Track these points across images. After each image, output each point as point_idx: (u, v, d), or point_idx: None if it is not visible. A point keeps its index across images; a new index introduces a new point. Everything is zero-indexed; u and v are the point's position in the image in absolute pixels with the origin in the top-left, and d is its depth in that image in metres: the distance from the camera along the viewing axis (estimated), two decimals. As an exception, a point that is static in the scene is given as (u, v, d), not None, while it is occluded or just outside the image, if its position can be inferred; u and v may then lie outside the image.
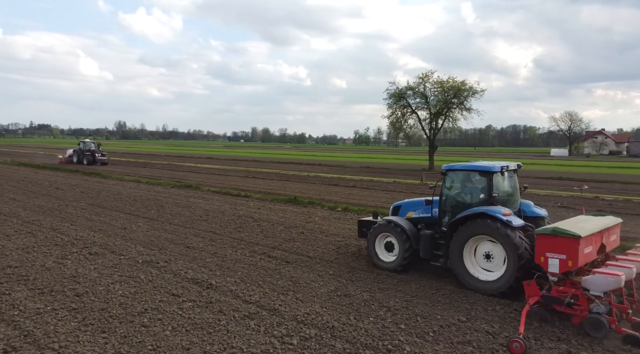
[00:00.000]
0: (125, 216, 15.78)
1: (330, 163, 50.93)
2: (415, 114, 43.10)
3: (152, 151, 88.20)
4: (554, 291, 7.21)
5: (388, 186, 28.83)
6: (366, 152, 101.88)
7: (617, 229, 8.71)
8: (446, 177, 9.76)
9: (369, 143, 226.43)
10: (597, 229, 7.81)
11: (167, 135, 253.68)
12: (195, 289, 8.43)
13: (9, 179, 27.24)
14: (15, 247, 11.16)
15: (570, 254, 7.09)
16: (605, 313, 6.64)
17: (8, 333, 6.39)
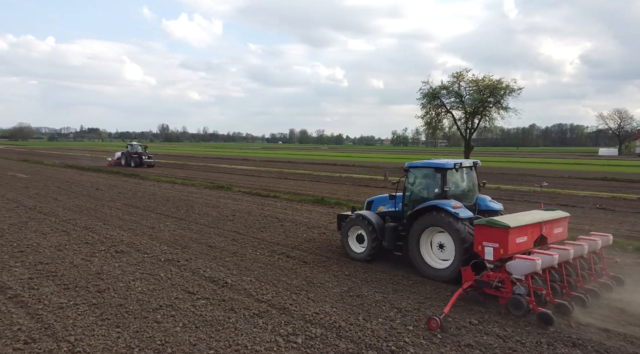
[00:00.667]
0: (155, 216, 16.31)
1: (365, 164, 50.71)
2: (450, 113, 42.20)
3: (191, 153, 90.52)
4: (484, 275, 7.88)
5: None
6: (402, 153, 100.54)
7: (563, 222, 9.36)
8: (409, 174, 10.49)
9: (407, 144, 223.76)
10: (532, 221, 8.47)
11: (207, 137, 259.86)
12: (211, 287, 8.62)
13: (55, 181, 28.66)
14: (49, 244, 11.75)
15: (502, 243, 7.80)
16: (525, 294, 7.27)
17: (30, 326, 6.75)
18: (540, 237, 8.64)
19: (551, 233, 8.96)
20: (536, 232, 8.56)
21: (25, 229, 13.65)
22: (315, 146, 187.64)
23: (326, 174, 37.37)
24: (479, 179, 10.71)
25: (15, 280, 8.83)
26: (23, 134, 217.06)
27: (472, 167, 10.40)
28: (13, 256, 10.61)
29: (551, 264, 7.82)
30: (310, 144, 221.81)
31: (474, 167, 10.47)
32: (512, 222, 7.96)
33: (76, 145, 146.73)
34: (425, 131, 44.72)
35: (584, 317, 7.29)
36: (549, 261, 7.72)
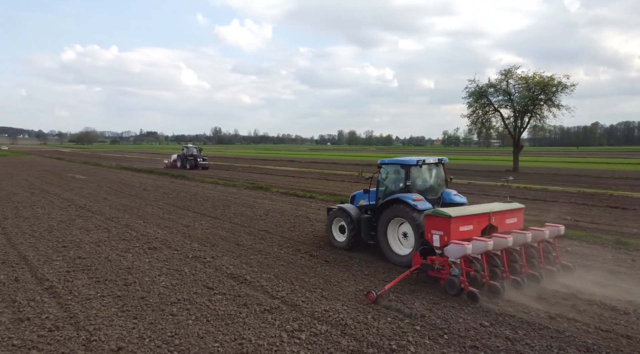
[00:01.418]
0: (192, 215, 16.94)
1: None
2: (498, 112, 40.87)
3: (240, 154, 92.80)
4: (429, 259, 8.74)
5: (460, 187, 27.67)
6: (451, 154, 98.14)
7: (517, 213, 10.06)
8: (381, 170, 11.41)
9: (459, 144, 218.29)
10: (476, 212, 9.31)
11: (258, 139, 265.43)
12: (230, 284, 8.89)
13: (108, 181, 30.35)
14: (90, 240, 12.52)
15: (446, 231, 8.63)
16: (459, 275, 8.15)
17: (58, 314, 7.26)
18: (489, 227, 9.39)
19: (502, 223, 9.66)
20: (484, 222, 9.32)
21: (72, 226, 14.59)
22: (363, 147, 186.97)
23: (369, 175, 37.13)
24: (447, 175, 11.61)
25: (53, 272, 9.49)
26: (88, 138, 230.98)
27: (437, 164, 11.29)
28: (56, 250, 11.40)
29: (486, 250, 8.52)
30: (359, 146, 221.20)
31: (440, 164, 11.35)
32: (455, 213, 8.83)
33: (135, 148, 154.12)
34: (471, 131, 43.39)
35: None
36: (482, 246, 8.43)
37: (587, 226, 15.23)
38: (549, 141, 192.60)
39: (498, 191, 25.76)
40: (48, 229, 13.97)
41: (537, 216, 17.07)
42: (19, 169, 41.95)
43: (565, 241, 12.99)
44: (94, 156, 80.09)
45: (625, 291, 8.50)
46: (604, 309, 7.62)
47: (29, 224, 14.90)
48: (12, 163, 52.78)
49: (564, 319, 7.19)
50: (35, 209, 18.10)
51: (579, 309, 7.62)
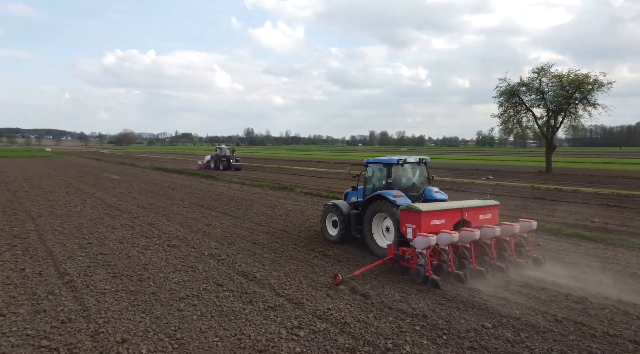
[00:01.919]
0: (215, 214, 17.31)
1: (439, 165, 49.28)
2: (530, 112, 39.75)
3: (271, 155, 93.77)
4: (400, 250, 9.47)
5: (486, 188, 27.13)
6: (484, 154, 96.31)
7: (491, 210, 10.68)
8: (367, 168, 12.36)
9: (494, 144, 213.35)
10: (448, 207, 10.01)
11: (289, 140, 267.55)
12: (239, 281, 9.07)
13: (139, 181, 31.32)
14: (114, 237, 13.01)
15: (417, 224, 9.30)
16: (425, 265, 8.86)
17: (72, 307, 7.62)
18: (462, 221, 9.98)
19: (475, 218, 10.28)
20: (456, 216, 9.96)
21: (100, 223, 15.18)
22: (394, 148, 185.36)
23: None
24: (429, 174, 12.33)
25: (75, 268, 9.93)
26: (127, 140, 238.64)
27: (419, 163, 12.04)
28: (81, 246, 11.90)
29: (451, 242, 9.15)
30: (391, 146, 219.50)
31: (422, 163, 12.09)
32: (426, 208, 9.53)
33: (170, 149, 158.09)
34: (501, 131, 42.38)
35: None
36: (448, 239, 9.07)
37: (616, 229, 14.68)
38: (589, 141, 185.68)
39: (524, 192, 25.13)
40: (77, 227, 14.59)
41: (562, 217, 16.60)
42: (59, 170, 43.81)
43: (589, 243, 12.61)
44: (130, 157, 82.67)
45: None
46: (616, 314, 7.38)
47: (60, 221, 15.59)
48: (54, 164, 55.16)
49: (570, 322, 7.01)
50: (69, 207, 18.91)
51: (588, 313, 7.40)
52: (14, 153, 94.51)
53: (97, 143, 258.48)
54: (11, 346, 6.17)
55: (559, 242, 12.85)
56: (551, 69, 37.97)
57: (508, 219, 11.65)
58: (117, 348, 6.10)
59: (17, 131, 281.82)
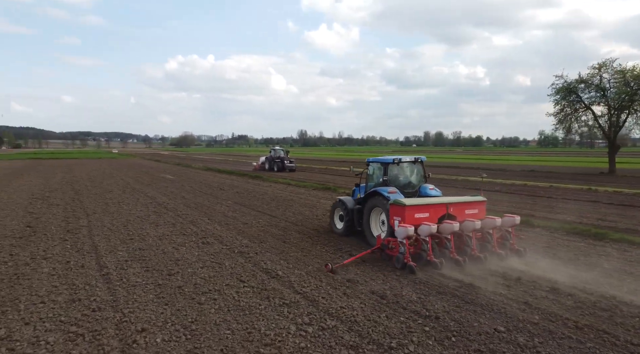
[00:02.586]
0: (254, 213, 17.80)
1: (491, 167, 47.73)
2: (590, 110, 37.57)
3: (322, 156, 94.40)
4: (385, 240, 10.52)
5: (538, 190, 26.01)
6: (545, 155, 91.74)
7: (478, 205, 11.45)
8: (369, 167, 13.43)
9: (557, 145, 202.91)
10: (432, 202, 10.90)
11: (342, 141, 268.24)
12: (261, 278, 9.34)
13: (191, 182, 32.65)
14: (155, 234, 13.73)
15: (402, 217, 10.22)
16: (404, 253, 9.79)
17: (104, 297, 8.18)
18: (447, 215, 10.79)
19: (461, 213, 11.06)
20: (441, 211, 10.78)
21: (145, 221, 16.06)
22: (450, 149, 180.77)
23: (442, 176, 36.17)
24: (426, 172, 13.22)
25: (114, 261, 10.62)
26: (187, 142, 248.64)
27: (415, 162, 12.93)
28: (123, 242, 12.68)
29: (430, 233, 9.95)
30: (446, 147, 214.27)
31: (418, 162, 12.99)
32: (411, 202, 10.54)
33: (226, 150, 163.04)
34: (557, 130, 40.28)
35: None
36: (427, 230, 9.89)
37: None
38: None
39: (580, 195, 23.84)
40: (124, 223, 15.52)
41: (614, 221, 15.67)
42: (121, 170, 46.49)
43: (635, 249, 11.88)
44: (187, 158, 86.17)
45: None
46: None
47: (111, 218, 16.64)
48: (117, 165, 58.60)
49: (592, 330, 6.68)
50: (121, 205, 20.12)
51: (615, 321, 7.02)
52: (84, 155, 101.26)
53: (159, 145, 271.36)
54: (45, 331, 6.74)
55: (602, 247, 12.17)
56: (614, 63, 35.73)
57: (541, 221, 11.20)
58: (136, 336, 6.51)
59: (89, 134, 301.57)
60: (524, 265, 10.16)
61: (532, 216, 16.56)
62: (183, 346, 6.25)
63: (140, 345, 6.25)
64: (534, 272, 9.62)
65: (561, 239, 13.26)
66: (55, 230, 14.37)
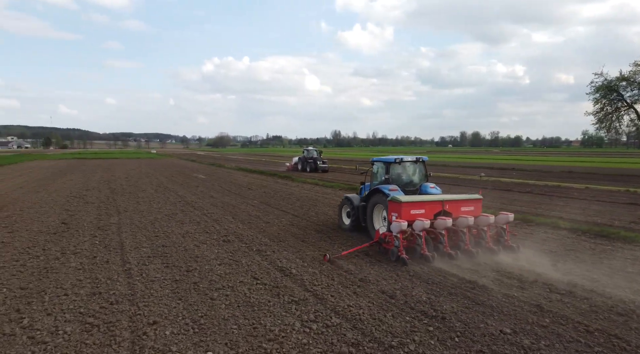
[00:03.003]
0: (278, 213, 18.04)
1: (526, 167, 46.44)
2: (632, 108, 35.97)
3: (354, 157, 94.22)
4: (383, 235, 11.16)
5: (571, 192, 25.15)
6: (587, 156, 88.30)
7: (474, 203, 11.94)
8: (373, 166, 14.04)
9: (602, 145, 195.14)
10: (431, 200, 11.48)
11: (376, 142, 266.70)
12: (275, 275, 9.51)
13: (222, 181, 33.33)
14: (179, 232, 14.16)
15: (399, 213, 10.83)
16: (398, 246, 10.44)
17: (123, 292, 8.54)
18: (443, 212, 11.33)
19: (457, 210, 11.56)
20: (437, 208, 11.34)
21: (172, 219, 16.56)
22: (486, 149, 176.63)
23: (472, 177, 35.48)
24: (427, 171, 13.91)
25: (137, 257, 11.04)
26: (222, 142, 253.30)
27: (416, 162, 13.65)
28: (148, 238, 13.15)
29: (423, 228, 10.49)
30: (482, 147, 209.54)
31: (419, 162, 13.71)
32: (407, 199, 11.06)
33: (260, 151, 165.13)
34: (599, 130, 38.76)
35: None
36: (421, 225, 10.44)
37: None
38: None
39: (617, 196, 22.92)
40: (152, 221, 16.07)
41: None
42: (157, 170, 47.92)
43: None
44: (222, 158, 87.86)
45: None
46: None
47: (140, 216, 17.25)
48: (154, 165, 60.40)
49: (602, 334, 6.49)
50: (152, 203, 20.81)
51: (630, 326, 6.79)
52: (125, 155, 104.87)
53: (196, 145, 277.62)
54: (64, 321, 7.13)
55: (630, 250, 11.72)
56: (658, 60, 34.07)
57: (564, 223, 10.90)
58: (146, 329, 6.80)
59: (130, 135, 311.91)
60: (541, 267, 9.97)
61: (548, 216, 16.08)
62: (190, 339, 6.48)
63: (149, 337, 6.52)
64: (552, 275, 9.39)
65: (587, 242, 12.84)
66: (87, 227, 15.04)
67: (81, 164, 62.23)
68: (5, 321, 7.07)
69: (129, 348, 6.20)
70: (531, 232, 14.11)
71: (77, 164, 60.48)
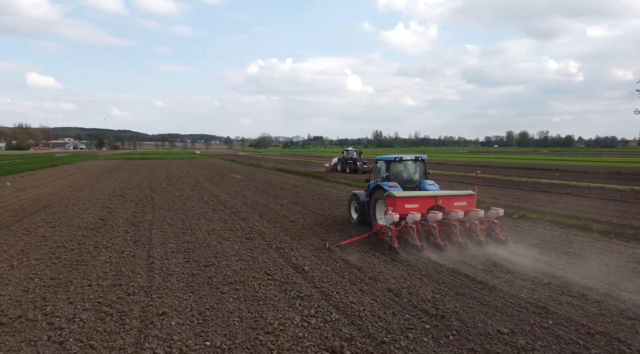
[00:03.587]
0: (304, 212, 18.32)
1: (573, 168, 44.58)
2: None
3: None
4: (379, 226, 12.37)
5: (614, 194, 24.00)
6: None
7: (468, 198, 12.73)
8: (377, 164, 15.06)
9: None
10: (422, 195, 12.56)
11: (418, 142, 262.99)
12: (287, 272, 9.77)
13: (256, 181, 34.00)
14: (206, 229, 14.69)
15: (394, 207, 11.83)
16: (391, 236, 11.46)
17: (141, 283, 9.04)
18: (436, 206, 12.23)
19: (450, 205, 12.39)
20: (430, 202, 12.29)
21: (202, 217, 17.17)
22: (534, 149, 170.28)
23: (511, 178, 34.47)
24: (427, 169, 14.72)
25: (162, 252, 11.59)
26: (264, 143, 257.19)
27: (415, 161, 14.55)
28: (176, 235, 13.73)
29: (414, 221, 11.42)
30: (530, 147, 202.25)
31: (419, 161, 14.59)
32: (402, 194, 12.20)
33: (301, 151, 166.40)
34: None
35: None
36: (412, 218, 11.40)
37: None
38: None
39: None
40: (182, 219, 16.74)
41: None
42: (197, 170, 49.44)
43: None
44: (262, 158, 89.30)
45: None
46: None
47: (173, 213, 17.99)
48: (196, 165, 62.31)
49: (604, 337, 6.32)
50: (186, 202, 21.61)
51: (637, 330, 6.56)
52: (170, 155, 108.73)
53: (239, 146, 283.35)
54: (83, 309, 7.66)
55: (662, 254, 11.17)
56: None
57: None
58: (154, 318, 7.21)
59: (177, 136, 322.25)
60: (559, 269, 9.77)
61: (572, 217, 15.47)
62: (192, 330, 6.83)
63: (155, 326, 6.92)
64: (569, 277, 9.14)
65: (618, 245, 12.33)
66: (122, 223, 15.86)
67: (128, 164, 65.05)
68: (31, 308, 7.69)
69: (135, 335, 6.62)
70: (561, 235, 13.69)
71: (124, 164, 63.28)
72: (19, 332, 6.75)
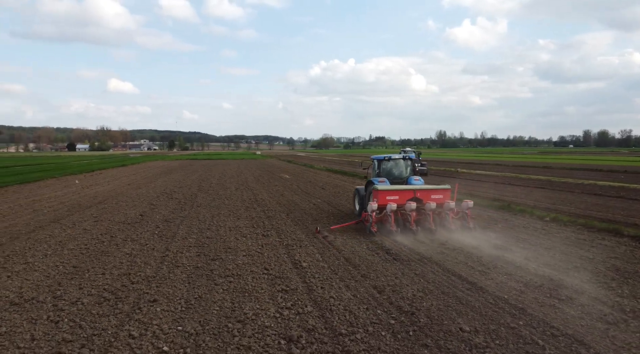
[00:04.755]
0: (333, 211, 18.62)
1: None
2: None
3: (453, 158, 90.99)
4: (364, 214, 14.57)
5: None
6: None
7: (443, 192, 14.79)
8: (373, 163, 17.23)
9: None
10: (404, 188, 14.67)
11: (485, 142, 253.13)
12: (285, 268, 10.12)
13: (301, 181, 34.61)
14: (230, 226, 15.39)
15: (377, 199, 14.20)
16: (371, 222, 13.68)
17: (148, 274, 9.75)
18: (415, 198, 14.30)
19: (427, 197, 14.47)
20: (409, 195, 14.40)
21: (232, 214, 17.93)
22: (612, 150, 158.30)
23: (567, 180, 32.61)
24: (414, 166, 17.16)
25: (179, 246, 12.35)
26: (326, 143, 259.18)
27: (404, 159, 16.80)
28: (200, 231, 14.53)
29: (392, 210, 13.67)
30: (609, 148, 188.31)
31: (407, 159, 16.83)
32: (384, 188, 14.48)
33: (361, 152, 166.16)
34: None
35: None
36: (389, 207, 13.67)
37: None
38: None
39: None
40: (214, 216, 17.60)
41: None
42: (250, 170, 51.03)
43: None
44: (319, 159, 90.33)
45: None
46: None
47: (206, 211, 18.92)
48: (251, 165, 64.26)
49: (568, 339, 6.09)
50: (224, 200, 22.59)
51: (608, 334, 6.25)
52: (231, 156, 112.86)
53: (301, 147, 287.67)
54: (87, 294, 8.47)
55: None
56: None
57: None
58: (143, 305, 7.85)
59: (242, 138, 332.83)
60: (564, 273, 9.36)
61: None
62: (172, 316, 7.38)
63: (142, 311, 7.55)
64: (570, 281, 8.75)
65: None
66: (157, 219, 16.96)
67: (190, 164, 68.38)
68: (45, 292, 8.62)
69: (121, 318, 7.27)
70: (592, 239, 12.99)
71: (186, 164, 66.59)
72: (26, 311, 7.64)
